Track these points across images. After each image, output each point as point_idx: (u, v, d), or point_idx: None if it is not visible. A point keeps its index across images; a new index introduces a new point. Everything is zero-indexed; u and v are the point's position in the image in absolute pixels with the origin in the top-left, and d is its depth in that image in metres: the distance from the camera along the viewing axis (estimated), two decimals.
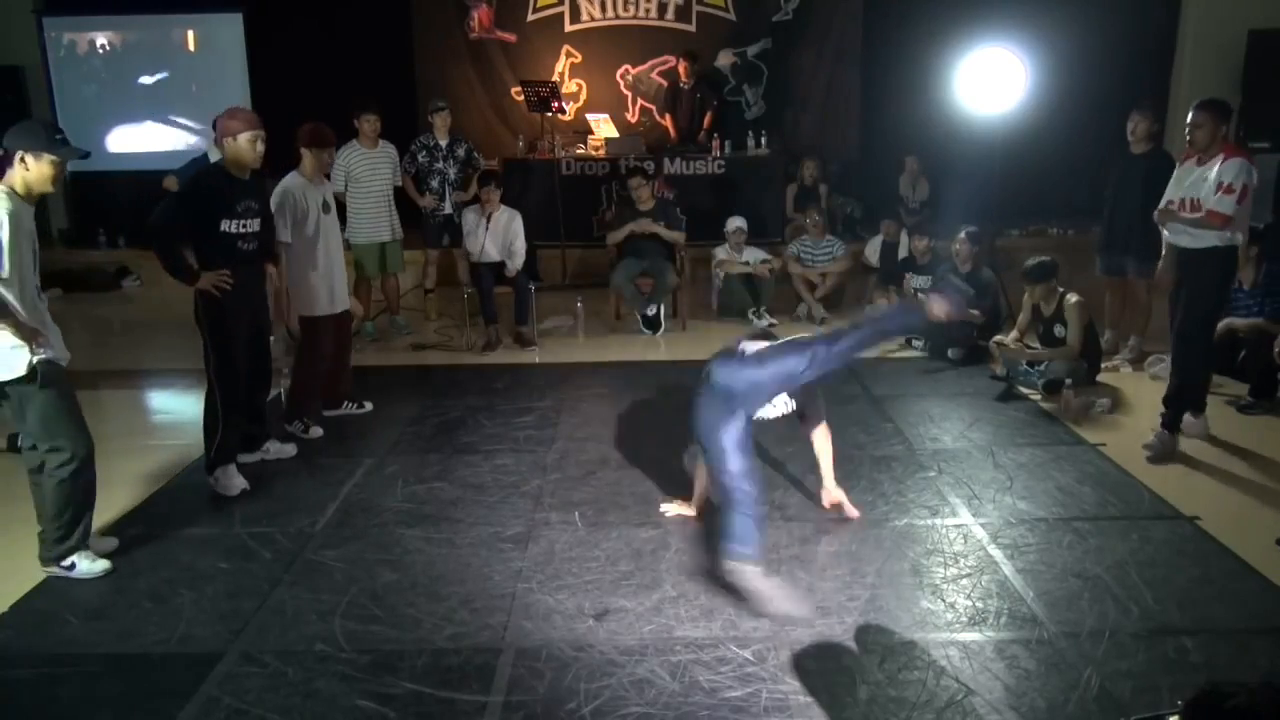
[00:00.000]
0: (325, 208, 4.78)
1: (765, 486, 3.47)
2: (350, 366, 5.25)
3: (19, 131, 3.21)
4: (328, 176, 5.09)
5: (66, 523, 3.40)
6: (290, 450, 4.58)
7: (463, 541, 3.73)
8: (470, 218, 6.69)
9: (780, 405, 3.62)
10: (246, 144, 4.05)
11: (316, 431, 4.89)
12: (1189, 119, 4.38)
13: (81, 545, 3.46)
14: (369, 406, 5.26)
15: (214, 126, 6.89)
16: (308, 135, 4.73)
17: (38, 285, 3.31)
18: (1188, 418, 4.66)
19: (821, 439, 3.84)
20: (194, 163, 6.72)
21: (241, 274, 4.07)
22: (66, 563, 3.43)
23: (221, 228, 4.01)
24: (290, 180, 4.71)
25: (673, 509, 3.92)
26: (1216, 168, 4.27)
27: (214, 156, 6.69)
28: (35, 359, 3.22)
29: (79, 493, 3.41)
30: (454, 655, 2.97)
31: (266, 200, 4.35)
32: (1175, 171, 4.58)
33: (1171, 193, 4.52)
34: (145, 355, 6.50)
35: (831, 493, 3.88)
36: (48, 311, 3.37)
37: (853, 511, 3.86)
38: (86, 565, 3.45)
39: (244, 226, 4.07)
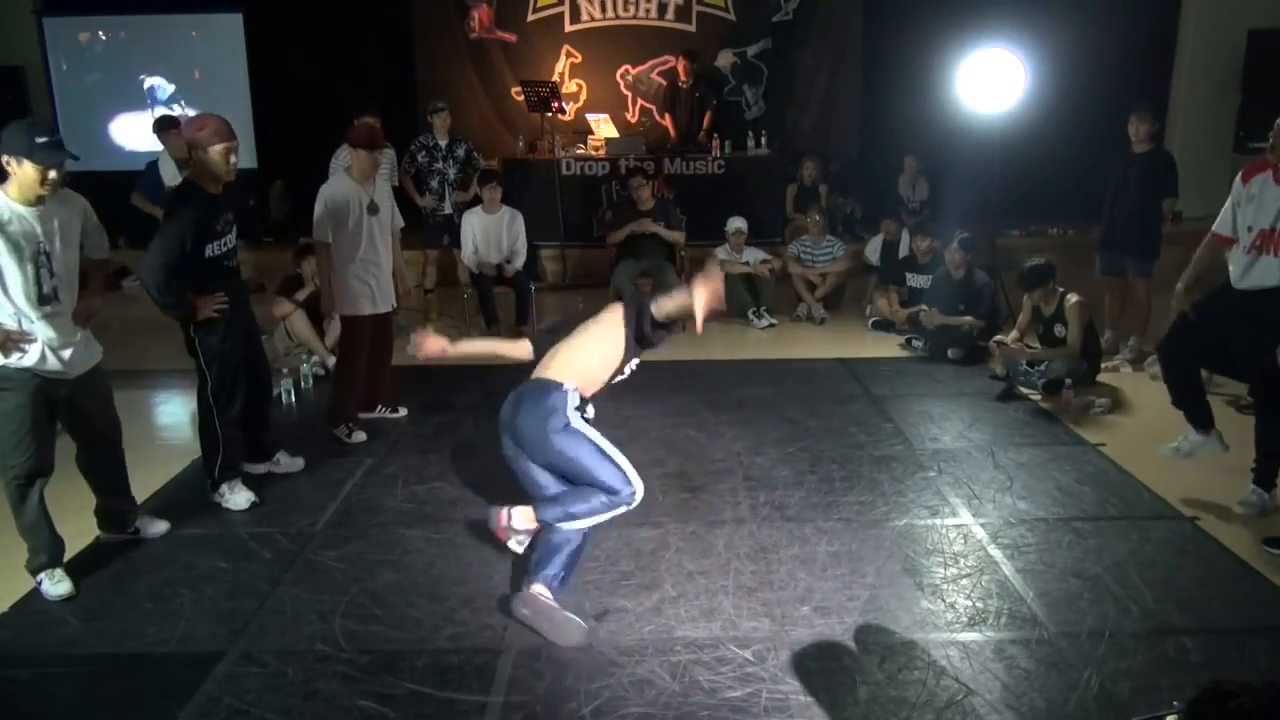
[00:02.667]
0: (372, 209, 4.67)
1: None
2: (390, 369, 5.16)
3: (4, 135, 3.08)
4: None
5: (27, 537, 3.33)
6: (299, 463, 4.43)
7: (463, 541, 3.73)
8: (472, 220, 6.66)
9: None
10: (219, 156, 3.74)
11: (360, 436, 4.80)
12: (1276, 127, 3.69)
13: (49, 564, 3.36)
14: (403, 412, 5.16)
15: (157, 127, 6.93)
16: (355, 136, 4.72)
17: (45, 290, 3.17)
18: (1197, 436, 4.19)
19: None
20: (151, 166, 6.76)
21: (231, 291, 3.91)
22: (37, 578, 3.37)
23: (206, 254, 3.78)
24: (335, 179, 4.66)
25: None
26: None
27: (164, 163, 6.68)
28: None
29: (26, 512, 3.29)
30: (454, 655, 2.97)
31: (238, 208, 4.15)
32: (1244, 190, 3.84)
33: (1248, 219, 3.81)
34: (145, 355, 6.48)
35: None
36: (56, 318, 3.21)
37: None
38: (47, 585, 3.35)
39: (224, 245, 3.87)
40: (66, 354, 3.27)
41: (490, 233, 6.64)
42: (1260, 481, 3.93)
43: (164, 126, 6.75)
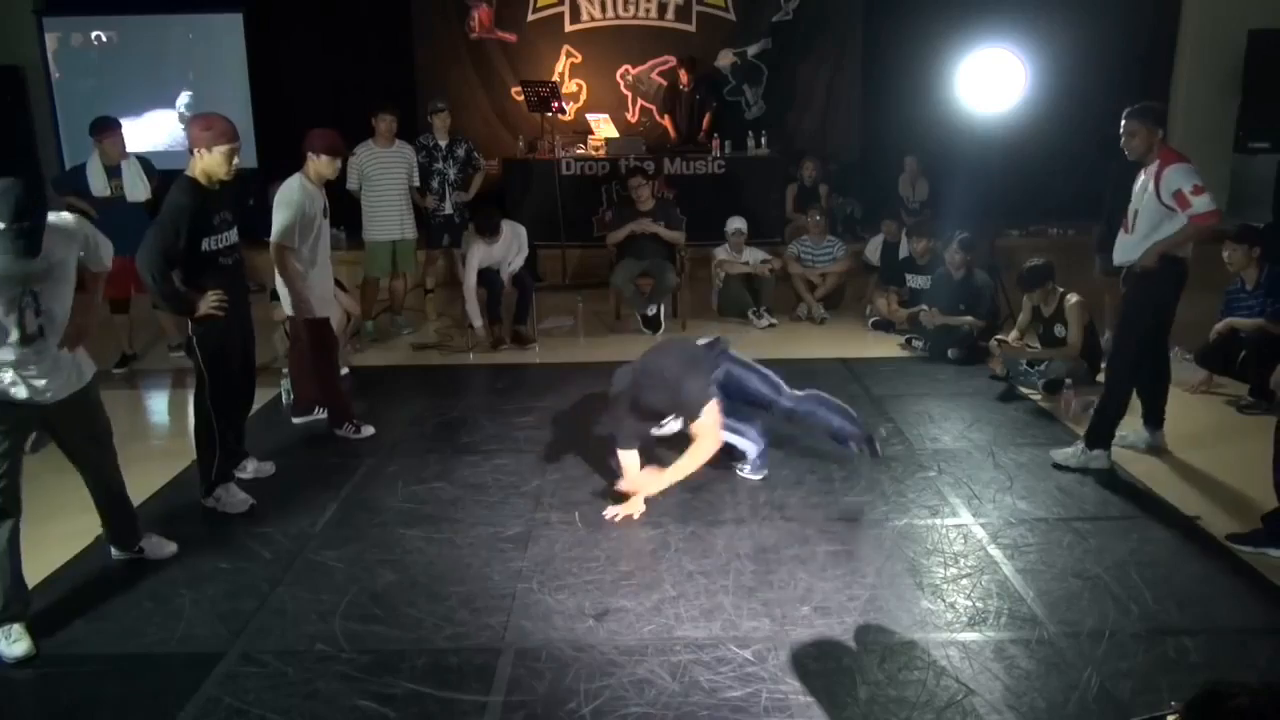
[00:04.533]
0: (325, 211, 4.68)
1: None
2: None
3: None
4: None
5: None
6: (269, 468, 4.39)
7: (463, 541, 3.73)
8: (477, 251, 6.57)
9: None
10: (221, 158, 3.73)
11: (368, 430, 4.81)
12: (1121, 127, 4.21)
13: (6, 618, 3.03)
14: (322, 415, 5.05)
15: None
16: (316, 142, 4.55)
17: (29, 331, 2.96)
18: (1142, 432, 4.56)
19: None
20: (77, 170, 6.12)
21: (228, 289, 3.88)
22: None
23: (202, 247, 3.75)
24: (295, 184, 4.52)
25: (615, 510, 3.92)
26: (1158, 177, 4.07)
27: (93, 171, 5.93)
28: None
29: None
30: (454, 655, 2.97)
31: (239, 208, 4.09)
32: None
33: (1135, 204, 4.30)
34: (145, 355, 6.50)
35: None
36: (39, 351, 3.01)
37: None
38: (2, 644, 2.99)
39: (222, 241, 3.84)
40: (41, 382, 3.06)
41: (495, 254, 6.57)
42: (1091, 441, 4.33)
43: (101, 128, 5.99)
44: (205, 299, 3.78)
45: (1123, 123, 4.22)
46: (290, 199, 4.48)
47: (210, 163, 3.75)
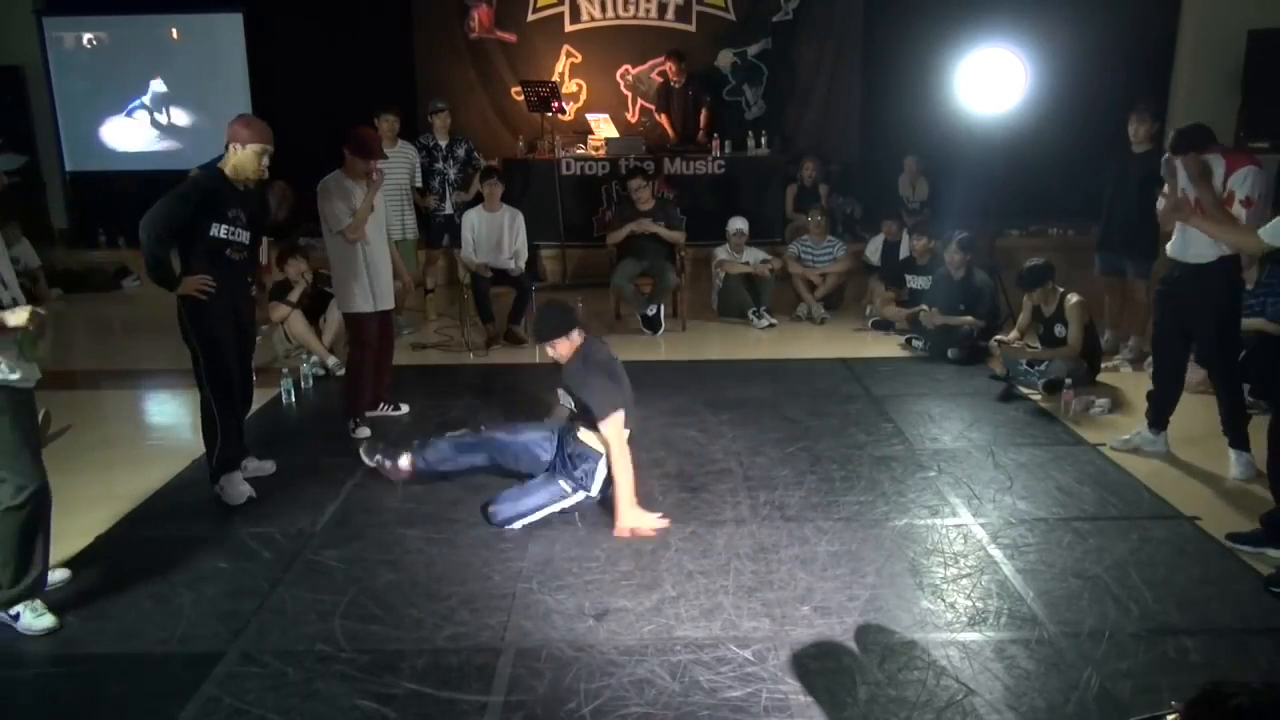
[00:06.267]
0: (369, 207, 4.74)
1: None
2: (391, 367, 5.20)
3: None
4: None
5: (15, 566, 3.06)
6: (269, 467, 4.39)
7: (463, 541, 3.73)
8: (471, 219, 6.67)
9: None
10: (252, 155, 3.93)
11: (364, 431, 4.83)
12: None
13: (31, 594, 3.12)
14: (405, 409, 5.20)
15: None
16: (349, 141, 4.71)
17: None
18: (1146, 434, 4.58)
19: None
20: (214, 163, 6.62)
21: (227, 282, 3.92)
22: (12, 611, 3.11)
23: (210, 231, 3.86)
24: (332, 178, 4.69)
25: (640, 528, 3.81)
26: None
27: None
28: None
29: (28, 531, 3.04)
30: (454, 655, 2.97)
31: (260, 215, 4.25)
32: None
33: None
34: (145, 355, 6.50)
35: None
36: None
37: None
38: (29, 618, 3.10)
39: (233, 234, 3.93)
40: (25, 367, 3.01)
41: (490, 232, 6.65)
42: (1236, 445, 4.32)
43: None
44: (191, 281, 3.86)
45: None
46: (327, 190, 4.66)
47: (242, 158, 3.92)
